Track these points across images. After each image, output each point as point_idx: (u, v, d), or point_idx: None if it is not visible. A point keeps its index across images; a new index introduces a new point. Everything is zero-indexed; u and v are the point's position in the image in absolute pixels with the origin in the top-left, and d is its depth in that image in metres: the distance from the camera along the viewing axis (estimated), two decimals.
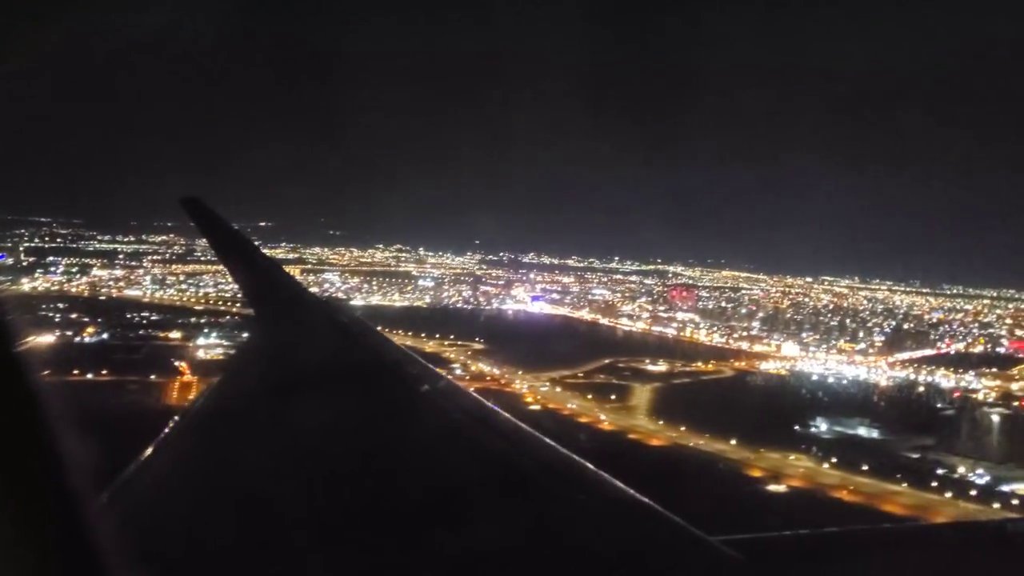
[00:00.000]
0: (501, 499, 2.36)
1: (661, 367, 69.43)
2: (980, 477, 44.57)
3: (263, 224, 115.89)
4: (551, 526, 2.26)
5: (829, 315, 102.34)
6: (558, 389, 58.98)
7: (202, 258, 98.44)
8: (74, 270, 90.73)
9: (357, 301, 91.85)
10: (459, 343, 71.27)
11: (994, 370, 76.02)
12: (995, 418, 50.39)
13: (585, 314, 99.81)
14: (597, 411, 53.77)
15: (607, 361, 69.35)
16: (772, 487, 40.21)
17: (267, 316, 4.94)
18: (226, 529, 2.20)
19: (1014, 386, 70.88)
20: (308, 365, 3.87)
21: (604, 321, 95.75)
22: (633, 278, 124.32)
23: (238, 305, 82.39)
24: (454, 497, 2.31)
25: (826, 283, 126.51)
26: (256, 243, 7.48)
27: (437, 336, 72.24)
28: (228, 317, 73.92)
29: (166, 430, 3.27)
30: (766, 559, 2.23)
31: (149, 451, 3.00)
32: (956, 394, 60.51)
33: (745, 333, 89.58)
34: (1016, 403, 56.87)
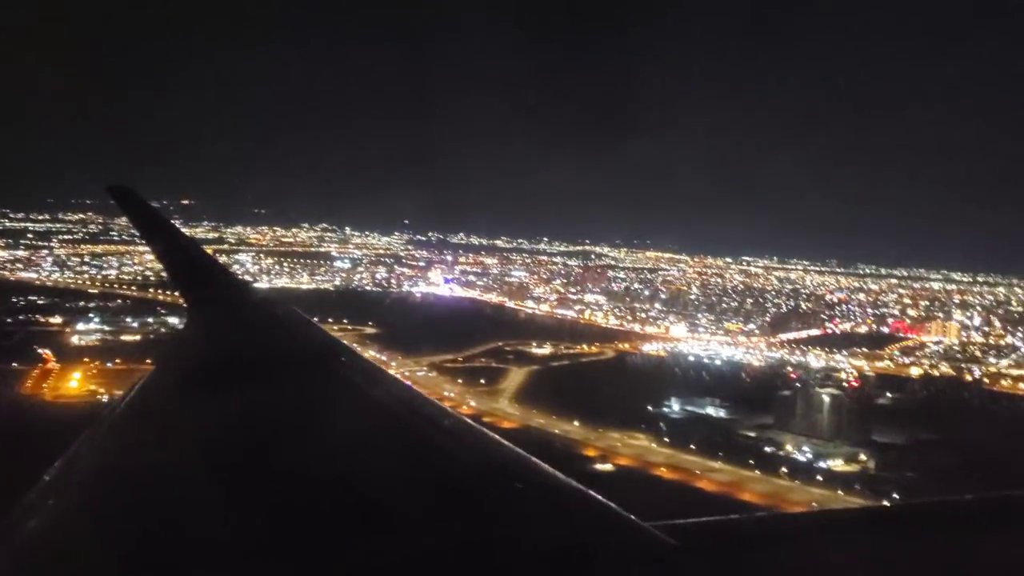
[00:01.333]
0: (435, 491, 2.46)
1: (546, 350, 71.81)
2: (803, 454, 47.90)
3: (185, 202, 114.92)
4: (488, 517, 2.33)
5: (734, 296, 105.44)
6: (434, 374, 60.87)
7: (117, 238, 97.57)
8: None
9: (262, 284, 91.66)
10: (351, 327, 72.04)
11: (865, 350, 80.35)
12: (835, 398, 53.52)
13: (494, 297, 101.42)
14: (463, 395, 55.81)
15: (495, 344, 71.31)
16: (597, 466, 42.67)
17: (197, 309, 4.85)
18: (146, 542, 2.22)
19: (879, 364, 75.26)
20: (238, 357, 3.88)
21: (510, 304, 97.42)
22: (557, 259, 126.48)
23: (134, 288, 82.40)
24: (390, 489, 2.42)
25: (745, 263, 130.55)
26: (177, 222, 7.60)
27: (330, 320, 72.82)
28: (119, 301, 73.79)
29: (88, 432, 3.11)
30: (701, 544, 2.28)
31: (65, 458, 2.86)
32: (792, 375, 63.83)
33: (644, 315, 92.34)
34: (848, 383, 60.32)
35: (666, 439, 48.06)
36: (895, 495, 40.95)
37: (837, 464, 46.73)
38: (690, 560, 2.15)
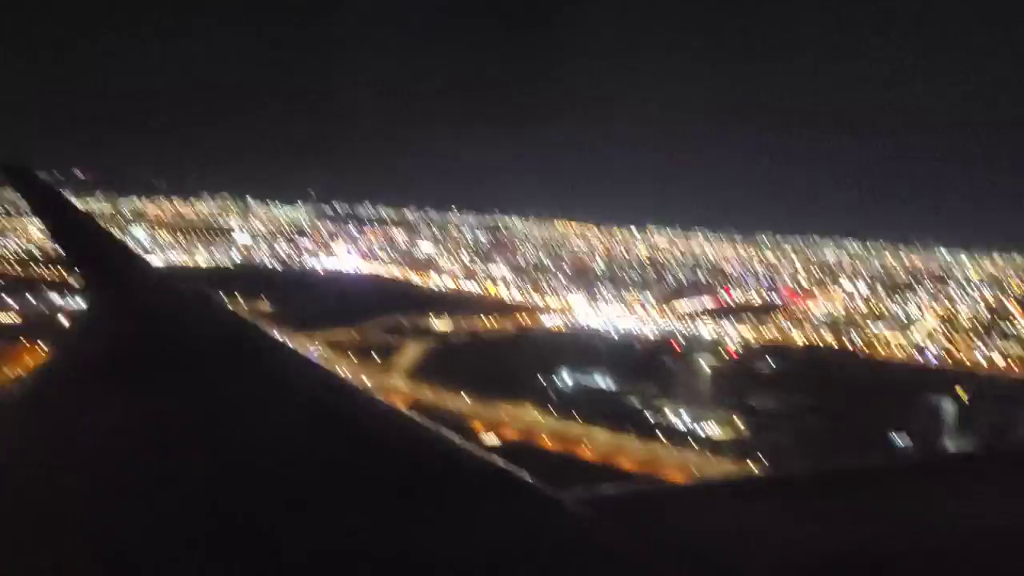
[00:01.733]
0: (351, 473, 2.36)
1: (446, 324, 72.14)
2: (682, 421, 50.21)
3: (78, 174, 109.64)
4: (404, 492, 2.25)
5: (635, 267, 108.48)
6: (328, 350, 60.42)
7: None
8: None
9: (156, 261, 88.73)
10: (246, 304, 70.62)
11: (754, 319, 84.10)
12: (716, 367, 56.26)
13: (398, 270, 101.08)
14: (356, 372, 55.67)
15: (394, 320, 71.14)
16: (482, 437, 43.59)
17: (98, 289, 4.55)
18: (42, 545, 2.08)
19: (766, 332, 78.99)
20: (147, 341, 3.63)
21: (415, 278, 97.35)
22: (466, 230, 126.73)
23: (15, 266, 78.76)
24: (303, 472, 2.34)
25: (649, 232, 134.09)
26: (68, 195, 7.03)
27: (223, 297, 71.07)
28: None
29: None
30: (613, 513, 2.24)
31: None
32: (673, 344, 66.55)
33: (547, 287, 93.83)
34: (731, 352, 63.49)
35: (555, 409, 49.50)
36: (763, 458, 43.54)
37: (713, 430, 49.18)
38: (601, 529, 2.15)
